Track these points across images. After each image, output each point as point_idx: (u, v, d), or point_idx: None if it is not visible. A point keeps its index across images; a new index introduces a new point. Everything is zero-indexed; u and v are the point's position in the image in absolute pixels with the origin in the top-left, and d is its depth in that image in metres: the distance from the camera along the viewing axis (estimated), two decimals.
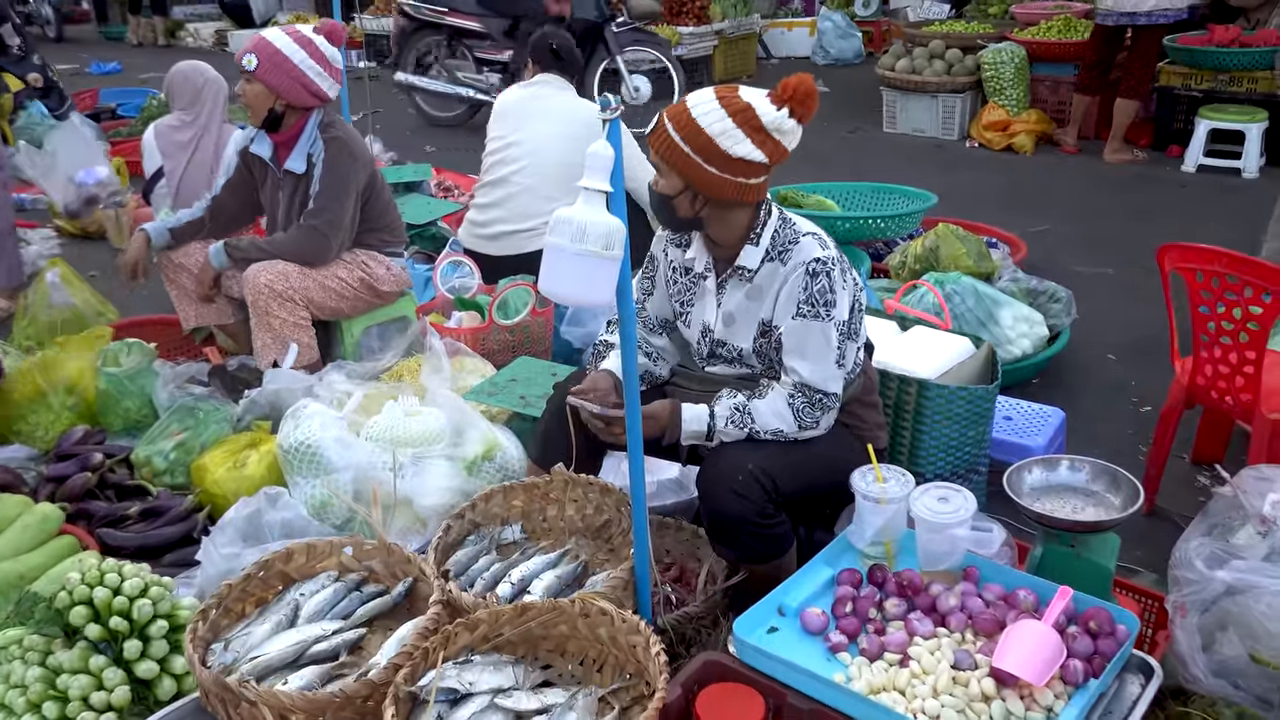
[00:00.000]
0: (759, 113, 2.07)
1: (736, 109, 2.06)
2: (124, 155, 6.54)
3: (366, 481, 2.65)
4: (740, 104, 2.07)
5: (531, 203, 3.83)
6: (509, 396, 2.90)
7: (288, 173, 3.34)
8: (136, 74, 10.48)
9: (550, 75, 4.03)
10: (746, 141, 2.06)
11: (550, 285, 1.68)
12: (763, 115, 2.07)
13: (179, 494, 2.84)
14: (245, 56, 3.21)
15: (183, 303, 3.58)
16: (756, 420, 2.13)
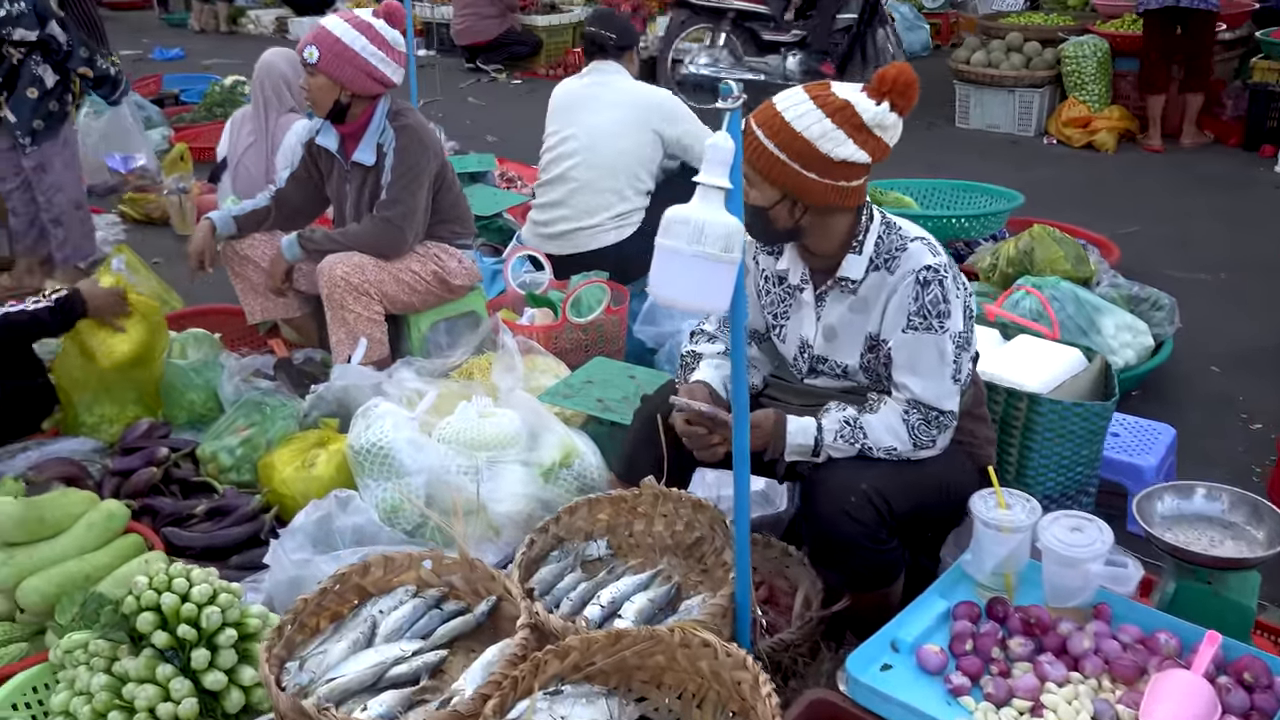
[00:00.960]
0: (859, 109, 1.91)
1: (834, 107, 1.90)
2: (187, 141, 6.53)
3: (439, 486, 2.55)
4: (837, 101, 1.91)
5: (592, 199, 3.70)
6: (586, 399, 2.77)
7: (356, 164, 3.23)
8: (199, 60, 10.51)
9: (598, 63, 3.86)
10: (848, 142, 1.91)
11: (662, 290, 1.54)
12: (863, 112, 1.91)
13: (245, 492, 2.75)
14: (306, 49, 3.10)
15: (248, 295, 3.49)
16: (869, 436, 1.98)
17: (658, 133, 3.75)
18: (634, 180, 3.72)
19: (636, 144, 3.72)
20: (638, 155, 3.72)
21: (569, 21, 9.97)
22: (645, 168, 3.74)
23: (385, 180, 3.14)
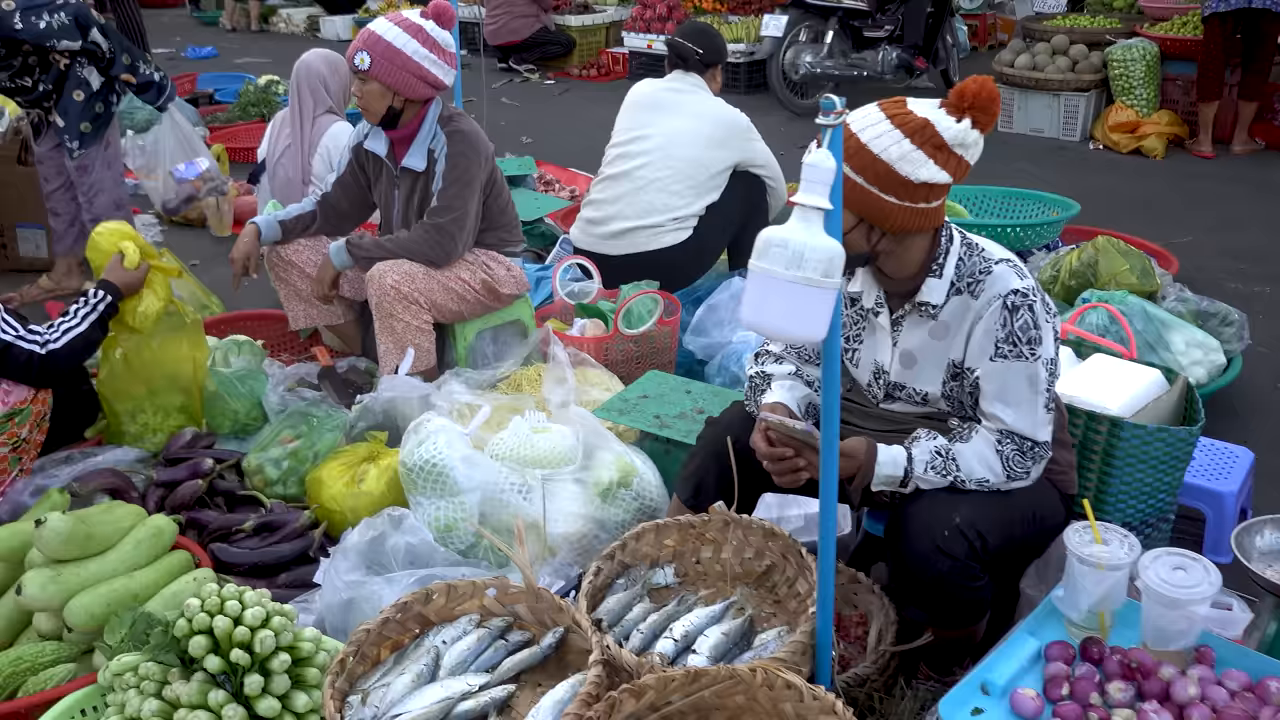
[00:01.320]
0: (939, 129, 1.81)
1: (913, 127, 1.81)
2: (223, 141, 6.50)
3: (493, 504, 2.48)
4: (916, 120, 1.81)
5: (657, 198, 3.62)
6: (642, 416, 2.69)
7: (405, 170, 3.16)
8: (231, 59, 10.50)
9: (680, 73, 3.81)
10: (929, 163, 1.81)
11: (756, 317, 1.45)
12: (944, 131, 1.81)
13: (293, 507, 2.69)
14: (357, 55, 3.02)
15: (291, 301, 3.43)
16: (961, 468, 1.88)
17: (732, 150, 3.71)
18: (701, 190, 3.66)
19: (712, 158, 3.67)
20: (710, 169, 3.67)
21: (602, 22, 9.91)
22: (714, 181, 3.69)
23: (436, 186, 3.08)
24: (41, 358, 2.51)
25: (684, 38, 3.81)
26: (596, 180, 3.83)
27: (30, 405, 2.48)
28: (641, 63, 9.10)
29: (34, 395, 2.49)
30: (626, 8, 9.90)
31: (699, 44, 3.78)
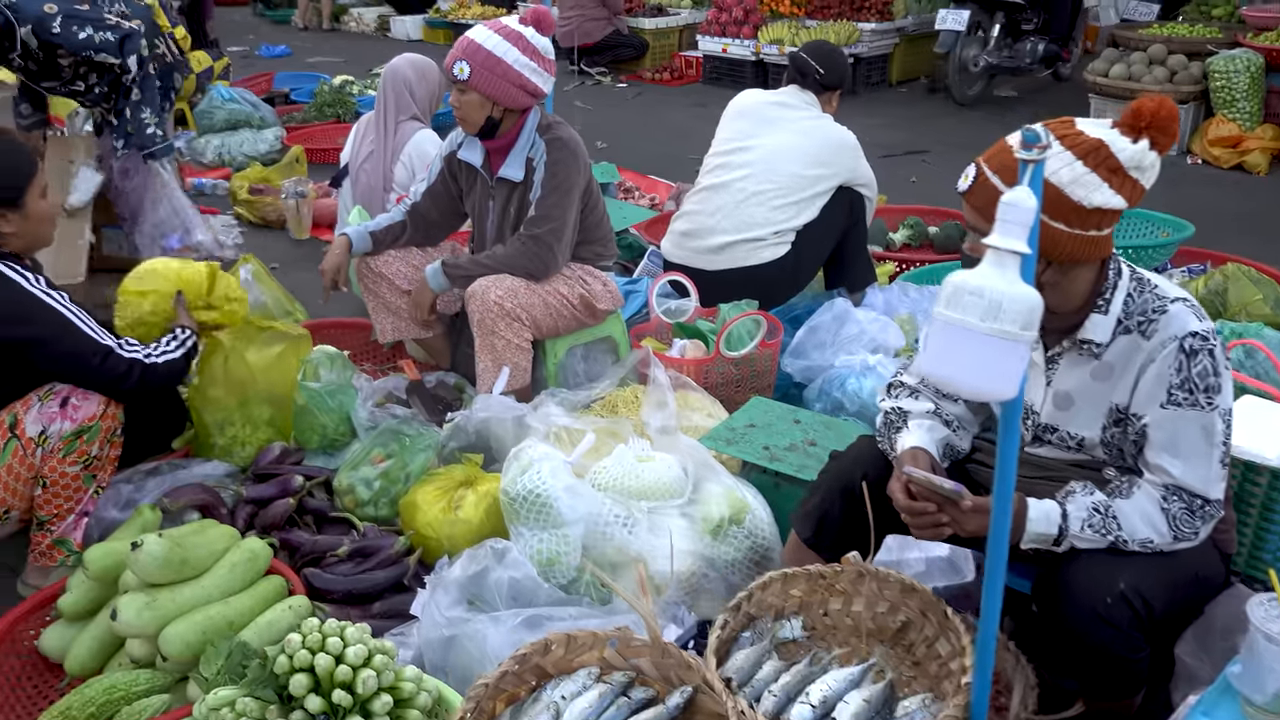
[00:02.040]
0: (1115, 150, 1.66)
1: (1086, 148, 1.65)
2: (300, 142, 6.48)
3: (597, 537, 2.36)
4: (1089, 141, 1.66)
5: (758, 211, 3.48)
6: (750, 447, 2.55)
7: (501, 180, 3.06)
8: (304, 58, 10.55)
9: (796, 89, 3.65)
10: (1104, 187, 1.66)
11: (940, 369, 1.31)
12: (1119, 152, 1.66)
13: (386, 530, 2.60)
14: (456, 65, 2.91)
15: (379, 314, 3.35)
16: (1123, 527, 1.72)
17: (837, 169, 3.56)
18: (802, 205, 3.50)
19: (818, 177, 3.52)
20: (815, 187, 3.52)
21: (676, 25, 9.79)
22: (816, 199, 3.53)
23: (534, 196, 2.97)
24: (144, 367, 2.45)
25: (809, 55, 3.65)
26: (693, 191, 3.69)
27: (99, 421, 2.41)
28: (715, 67, 8.97)
29: (103, 411, 2.42)
30: (701, 11, 9.77)
31: (822, 64, 3.63)
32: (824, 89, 3.67)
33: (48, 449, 2.35)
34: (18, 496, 2.38)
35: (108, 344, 2.39)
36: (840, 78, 3.71)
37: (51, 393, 2.37)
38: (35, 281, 2.35)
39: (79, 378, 2.39)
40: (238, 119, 6.47)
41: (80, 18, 3.66)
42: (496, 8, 11.34)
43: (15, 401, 2.37)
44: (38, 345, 2.33)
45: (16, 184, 2.36)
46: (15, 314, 2.30)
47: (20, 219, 2.37)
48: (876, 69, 8.73)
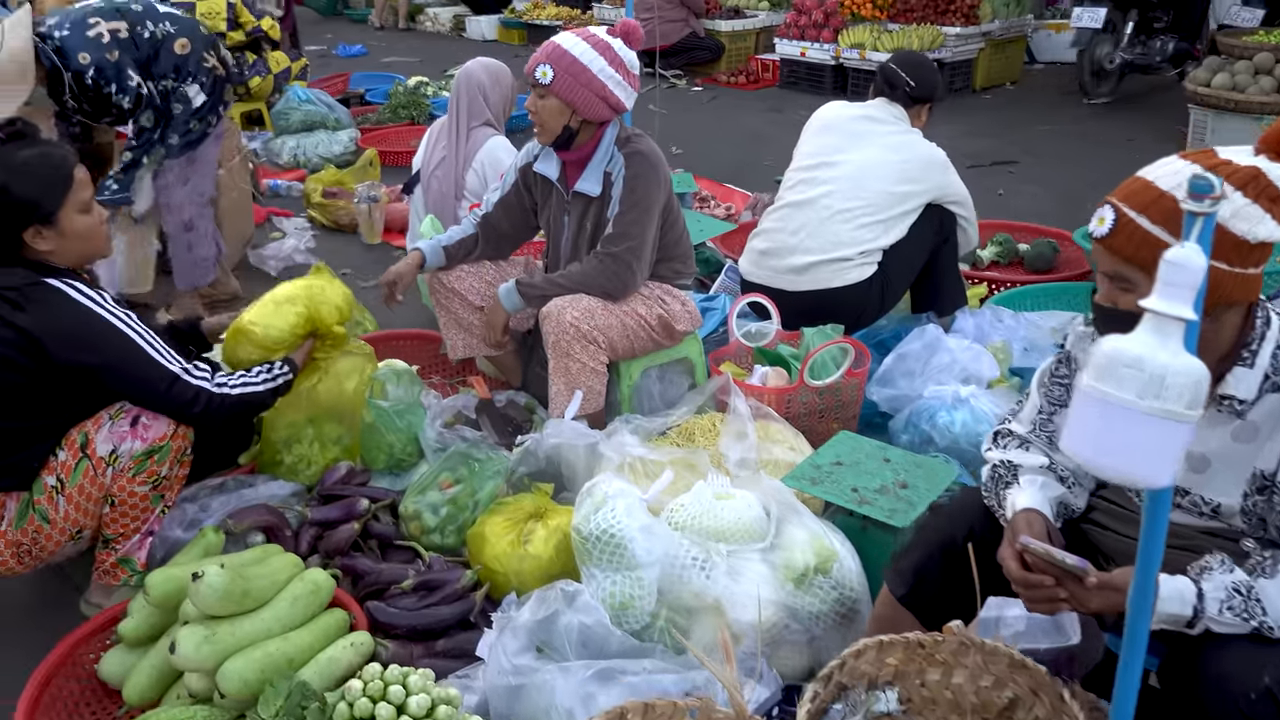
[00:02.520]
0: (1273, 178, 1.47)
1: (1243, 178, 1.47)
2: (374, 144, 6.45)
3: (673, 581, 2.22)
4: (1245, 170, 1.47)
5: (843, 230, 3.30)
6: (837, 488, 2.40)
7: (578, 194, 2.95)
8: (379, 57, 10.61)
9: (884, 102, 3.48)
10: (1267, 219, 1.47)
11: (1089, 451, 1.15)
12: (1278, 180, 1.48)
13: (452, 562, 2.50)
14: (539, 68, 2.81)
15: (450, 329, 3.26)
16: (1268, 611, 1.54)
17: (927, 186, 3.38)
18: (890, 224, 3.33)
19: (906, 194, 3.34)
20: (903, 205, 3.34)
21: (753, 27, 9.62)
22: (905, 217, 3.35)
23: (612, 212, 2.85)
24: (210, 396, 2.38)
25: (899, 66, 3.47)
26: (774, 208, 3.52)
27: (169, 441, 2.35)
28: (793, 71, 8.77)
29: (174, 431, 2.36)
30: (779, 13, 9.58)
31: (913, 76, 3.44)
32: (914, 102, 3.49)
33: (118, 468, 2.30)
34: (89, 516, 2.33)
35: (174, 370, 2.33)
36: (931, 90, 3.52)
37: (122, 411, 2.31)
38: (100, 300, 2.28)
39: (144, 402, 2.33)
40: (313, 120, 6.48)
41: (106, 75, 3.60)
42: (571, 8, 11.29)
43: (86, 419, 2.31)
44: (103, 370, 2.27)
45: (51, 200, 2.26)
46: (80, 338, 2.23)
47: (57, 235, 2.29)
48: (960, 74, 8.45)
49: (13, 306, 2.19)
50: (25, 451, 2.25)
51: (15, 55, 3.47)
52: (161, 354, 2.31)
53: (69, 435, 2.29)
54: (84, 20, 3.63)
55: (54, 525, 2.29)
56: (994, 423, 2.96)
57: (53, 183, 2.27)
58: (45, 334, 2.18)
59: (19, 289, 2.21)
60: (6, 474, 2.25)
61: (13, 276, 2.23)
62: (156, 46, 3.66)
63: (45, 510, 2.28)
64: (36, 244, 2.27)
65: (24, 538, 2.28)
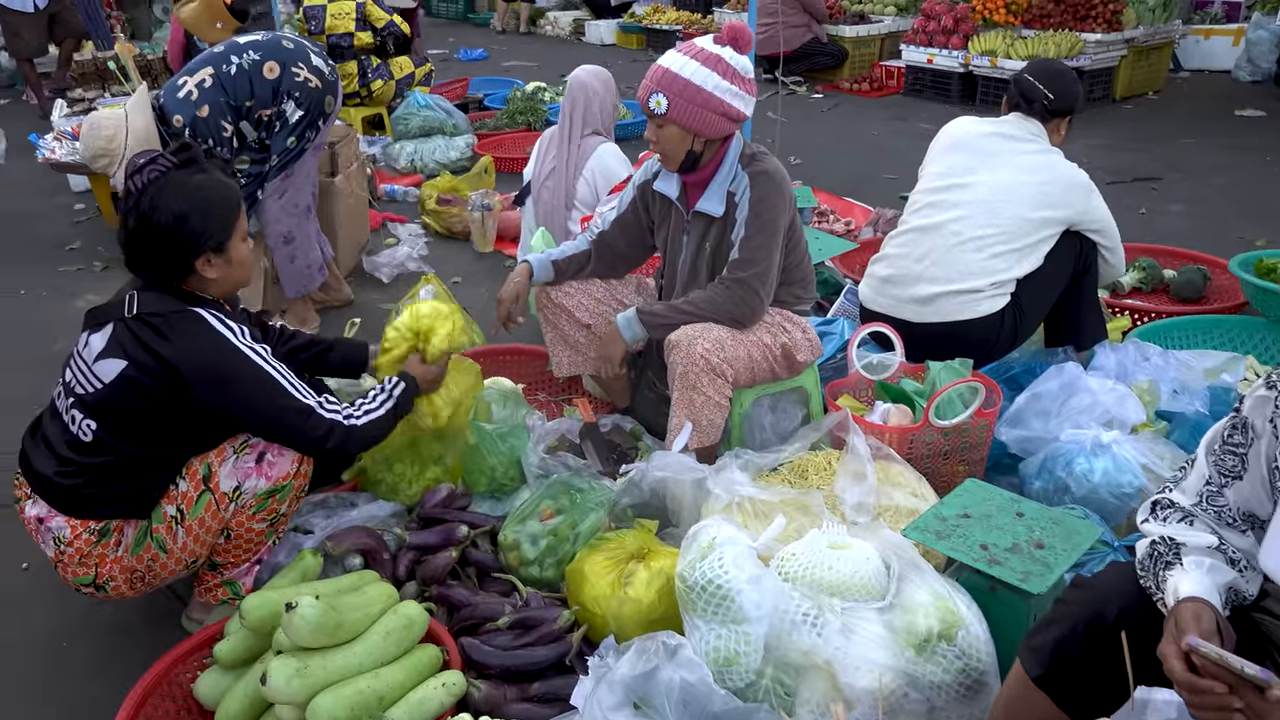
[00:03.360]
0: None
1: None
2: (490, 150, 6.46)
3: (783, 637, 2.07)
4: None
5: (974, 259, 3.08)
6: (965, 544, 2.20)
7: (698, 214, 2.82)
8: (500, 61, 10.69)
9: (1019, 117, 3.23)
10: None
11: None
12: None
13: (549, 598, 2.40)
14: (652, 97, 2.67)
15: (557, 346, 3.17)
16: None
17: (1067, 211, 3.13)
18: (1025, 252, 3.09)
19: (1044, 220, 3.10)
20: (1041, 232, 3.10)
21: (878, 33, 9.33)
22: (1043, 246, 3.11)
23: (737, 235, 2.71)
24: (344, 429, 2.31)
25: (1035, 77, 3.20)
26: (898, 232, 3.31)
27: (292, 480, 2.32)
28: (918, 78, 8.48)
29: (297, 469, 2.32)
30: (907, 18, 9.28)
31: (1052, 88, 3.18)
32: (1052, 116, 3.23)
33: (240, 504, 2.27)
34: (204, 546, 2.31)
35: (309, 403, 2.27)
36: (1071, 103, 3.24)
37: (247, 446, 2.27)
38: (240, 335, 2.23)
39: (277, 436, 2.28)
40: (432, 126, 6.52)
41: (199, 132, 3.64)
42: (691, 12, 11.18)
43: (209, 450, 2.27)
44: (238, 408, 2.21)
45: (225, 228, 2.24)
46: (217, 370, 2.18)
47: (224, 263, 2.27)
48: (1100, 83, 8.02)
49: (156, 334, 2.16)
50: (147, 479, 2.23)
51: (139, 134, 3.56)
52: (296, 388, 2.26)
53: (190, 465, 2.25)
54: (175, 82, 3.70)
55: (170, 555, 2.27)
56: (1139, 473, 2.72)
57: (227, 210, 2.25)
58: (184, 365, 2.14)
59: (165, 316, 2.18)
60: (126, 500, 2.23)
61: (162, 303, 2.20)
62: (249, 78, 3.66)
63: (163, 540, 2.25)
64: (205, 272, 2.25)
65: (139, 564, 2.27)
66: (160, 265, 2.22)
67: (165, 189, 2.18)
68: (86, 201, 6.11)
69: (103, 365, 2.18)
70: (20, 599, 2.70)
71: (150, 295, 2.21)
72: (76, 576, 2.25)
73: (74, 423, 2.22)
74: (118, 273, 5.03)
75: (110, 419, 2.18)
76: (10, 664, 2.49)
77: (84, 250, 5.39)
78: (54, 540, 2.24)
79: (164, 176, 2.19)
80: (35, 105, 8.65)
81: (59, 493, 2.21)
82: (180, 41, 6.63)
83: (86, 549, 2.23)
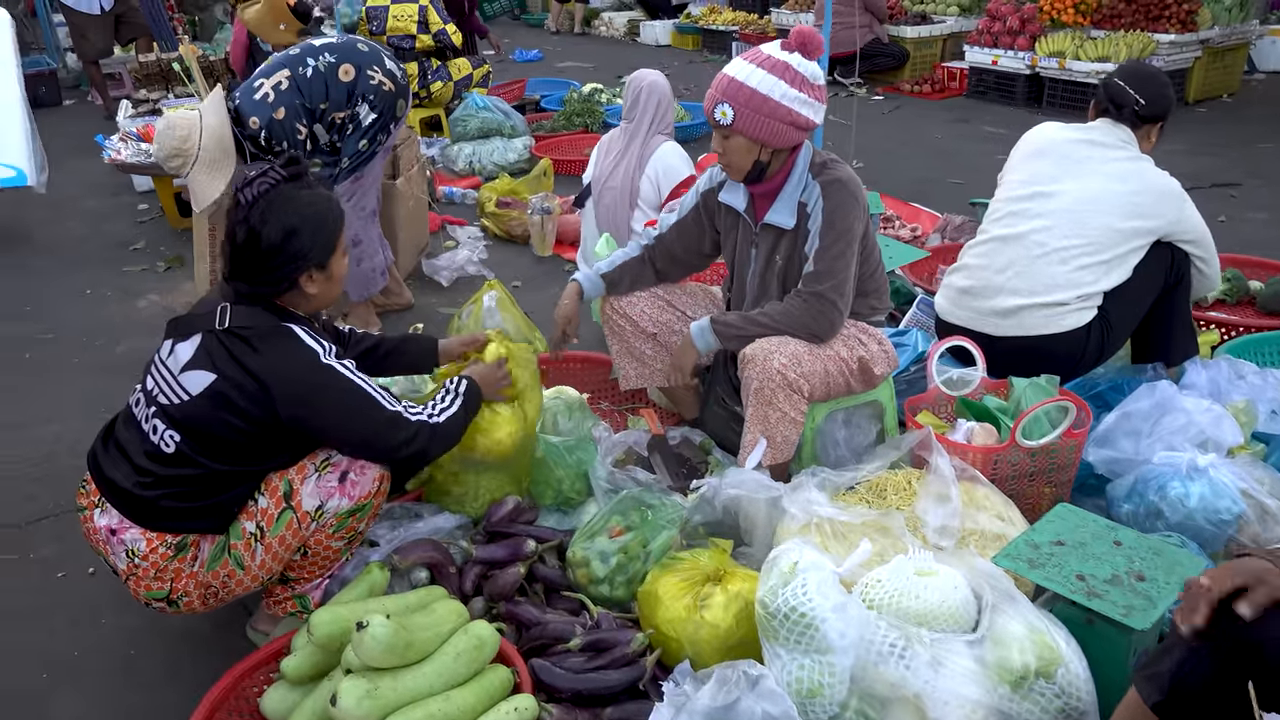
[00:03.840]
0: None
1: None
2: (547, 152, 6.41)
3: (869, 669, 1.98)
4: None
5: (1059, 270, 2.95)
6: (1060, 574, 2.09)
7: (767, 226, 2.73)
8: (555, 62, 10.66)
9: (1107, 123, 3.08)
10: None
11: None
12: None
13: (622, 620, 2.33)
14: (717, 108, 2.58)
15: (623, 358, 3.10)
16: None
17: (1158, 221, 2.98)
18: (1113, 264, 2.95)
19: (1134, 230, 2.95)
20: (1130, 243, 2.95)
21: (940, 33, 9.16)
22: (1132, 258, 2.97)
23: (811, 246, 2.62)
24: (429, 429, 2.26)
25: (1125, 80, 3.05)
26: (977, 241, 3.19)
27: (372, 499, 2.27)
28: (981, 79, 8.30)
29: (377, 488, 2.27)
30: (970, 19, 9.09)
31: (1143, 93, 3.02)
32: (1142, 122, 3.08)
33: (321, 523, 2.22)
34: (281, 563, 2.27)
35: (396, 409, 2.22)
36: (1164, 108, 3.10)
37: (329, 464, 2.22)
38: (328, 352, 2.18)
39: (366, 448, 2.23)
40: (490, 127, 6.50)
41: (274, 134, 3.64)
42: (748, 13, 11.07)
43: (290, 467, 2.22)
44: (330, 422, 2.17)
45: (330, 243, 2.22)
46: (306, 384, 2.13)
47: (324, 279, 2.24)
48: (1173, 85, 7.77)
49: (248, 347, 2.12)
50: (227, 494, 2.18)
51: (214, 133, 3.56)
52: (383, 397, 2.21)
53: (270, 480, 2.21)
54: (250, 84, 3.70)
55: (247, 572, 2.23)
56: (1237, 499, 2.58)
57: (333, 226, 2.23)
58: (274, 380, 2.10)
59: (258, 331, 2.14)
60: (205, 516, 2.18)
61: (254, 317, 2.17)
62: (324, 81, 3.65)
63: (241, 557, 2.21)
64: (307, 288, 2.22)
65: (214, 580, 2.22)
66: (263, 278, 2.18)
67: (275, 203, 2.15)
68: (150, 201, 6.17)
69: (189, 377, 2.14)
70: (88, 604, 2.69)
71: (242, 310, 2.17)
72: (149, 590, 2.20)
73: (155, 433, 2.18)
74: (180, 273, 5.06)
75: (195, 432, 2.14)
76: (80, 672, 2.48)
77: (147, 250, 5.44)
78: (127, 553, 2.18)
79: (274, 190, 2.16)
80: (100, 106, 8.78)
81: (135, 504, 2.16)
82: (243, 43, 6.67)
83: (162, 563, 2.18)
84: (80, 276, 5.07)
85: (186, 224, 5.48)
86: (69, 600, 2.71)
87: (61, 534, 2.99)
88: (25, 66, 9.65)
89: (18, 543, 2.97)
